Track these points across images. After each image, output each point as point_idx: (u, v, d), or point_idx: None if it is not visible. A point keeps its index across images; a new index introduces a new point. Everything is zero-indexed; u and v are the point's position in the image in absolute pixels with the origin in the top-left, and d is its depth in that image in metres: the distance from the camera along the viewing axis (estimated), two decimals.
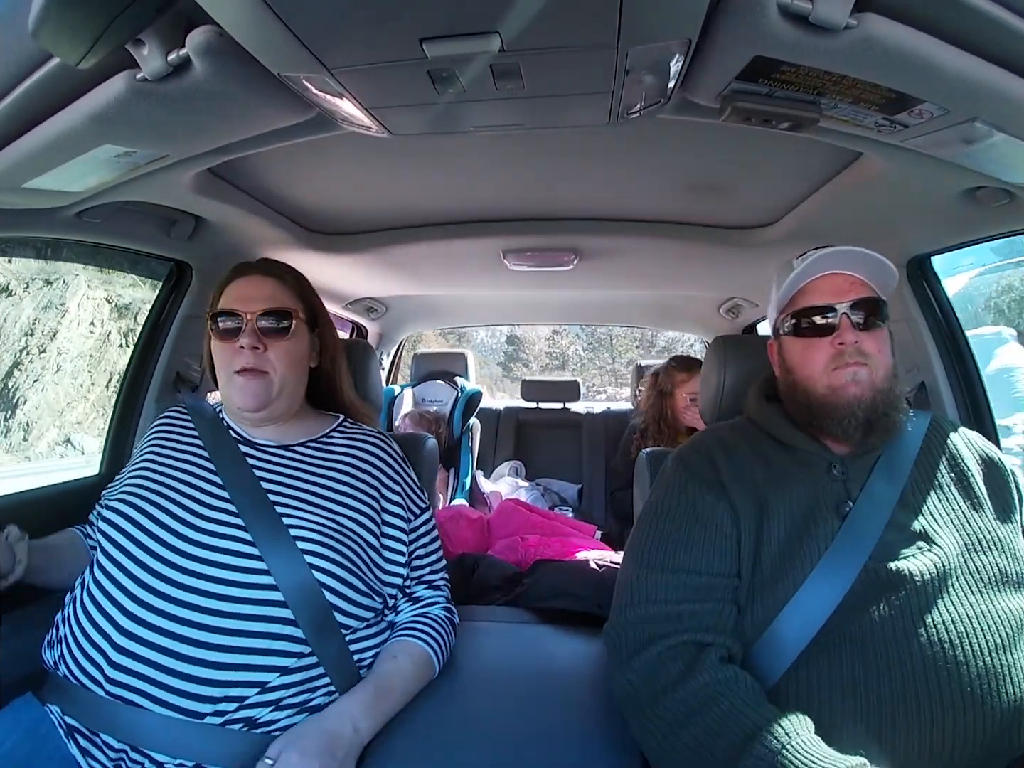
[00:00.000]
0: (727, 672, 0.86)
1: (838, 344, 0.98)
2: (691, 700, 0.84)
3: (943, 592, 0.88)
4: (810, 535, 0.94)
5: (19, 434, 9.74)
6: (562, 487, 3.30)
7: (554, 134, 1.22)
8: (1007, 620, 0.87)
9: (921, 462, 1.02)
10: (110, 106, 0.81)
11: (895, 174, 1.14)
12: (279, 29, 0.67)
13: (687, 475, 1.04)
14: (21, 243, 1.91)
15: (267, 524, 1.00)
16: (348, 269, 2.18)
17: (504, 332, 15.58)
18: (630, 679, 0.90)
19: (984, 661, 0.83)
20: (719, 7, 0.68)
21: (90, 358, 10.35)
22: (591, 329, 18.95)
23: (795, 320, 1.04)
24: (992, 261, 9.45)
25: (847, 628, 0.88)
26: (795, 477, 1.00)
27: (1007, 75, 0.75)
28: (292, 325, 1.13)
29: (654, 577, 0.96)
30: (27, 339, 10.01)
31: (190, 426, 1.18)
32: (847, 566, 0.90)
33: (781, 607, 0.91)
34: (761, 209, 1.67)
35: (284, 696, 0.94)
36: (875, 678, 0.84)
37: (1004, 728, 0.82)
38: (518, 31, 0.69)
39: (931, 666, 0.83)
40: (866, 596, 0.89)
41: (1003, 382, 5.26)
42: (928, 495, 0.98)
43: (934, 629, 0.85)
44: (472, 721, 1.03)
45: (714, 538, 0.96)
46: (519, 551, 2.17)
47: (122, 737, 0.88)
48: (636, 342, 19.96)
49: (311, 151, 1.24)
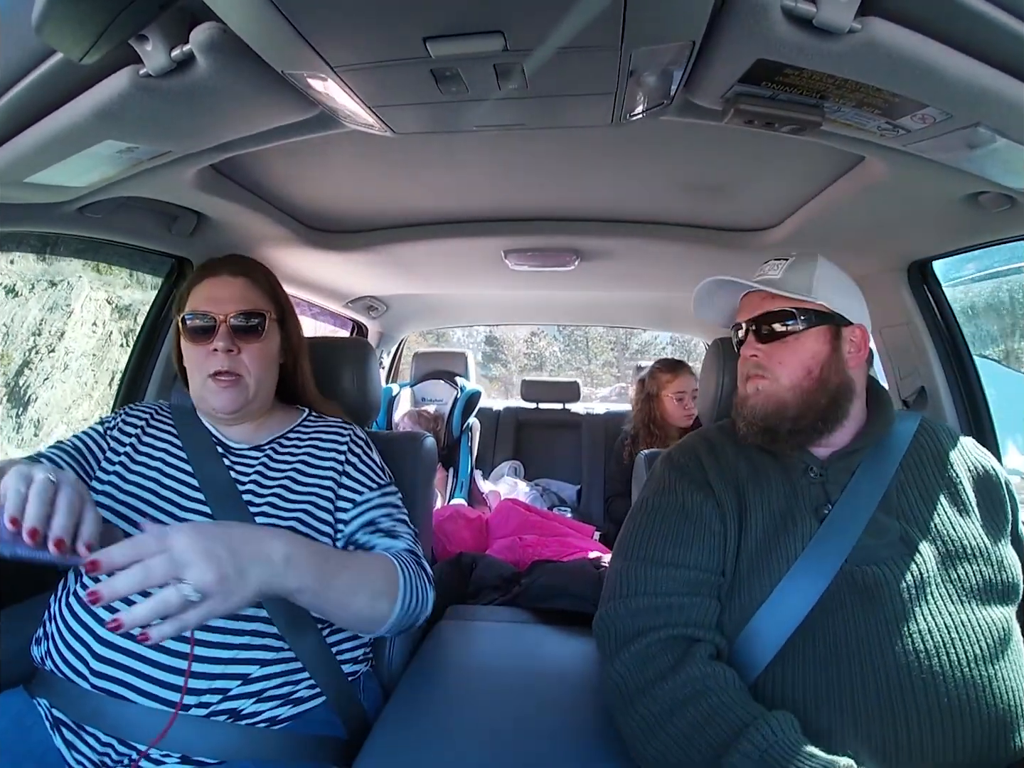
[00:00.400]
0: (716, 668, 0.86)
1: (747, 357, 1.06)
2: (680, 693, 0.84)
3: (922, 600, 0.87)
4: (788, 535, 0.95)
5: (30, 430, 9.91)
6: (561, 487, 3.30)
7: (557, 134, 1.21)
8: (988, 631, 0.86)
9: (907, 465, 1.02)
10: (113, 101, 0.81)
11: (897, 178, 1.13)
12: (283, 27, 0.67)
13: (676, 474, 1.06)
14: (23, 241, 1.90)
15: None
16: (349, 267, 2.17)
17: (483, 332, 15.73)
18: (619, 670, 0.90)
19: (963, 672, 0.83)
20: (723, 9, 0.68)
21: (93, 357, 10.54)
22: (568, 331, 19.47)
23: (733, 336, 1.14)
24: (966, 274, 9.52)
25: (822, 631, 0.88)
26: (775, 478, 1.02)
27: (1010, 80, 0.75)
28: (265, 326, 1.14)
29: (644, 570, 0.96)
30: (35, 339, 10.14)
31: (167, 424, 1.18)
32: (823, 568, 0.91)
33: (758, 606, 0.91)
34: (763, 212, 1.67)
35: (267, 687, 0.95)
36: (849, 683, 0.84)
37: (987, 740, 0.81)
38: (522, 31, 0.69)
39: (906, 675, 0.82)
40: (841, 599, 0.89)
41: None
42: (912, 500, 0.98)
43: (910, 638, 0.84)
44: (470, 720, 1.03)
45: (703, 535, 0.98)
46: (517, 551, 2.17)
47: (108, 730, 0.89)
48: (611, 344, 20.44)
49: (313, 149, 1.24)
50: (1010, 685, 0.84)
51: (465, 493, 3.06)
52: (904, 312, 1.73)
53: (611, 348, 20.47)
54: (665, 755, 0.82)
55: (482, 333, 15.49)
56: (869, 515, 0.94)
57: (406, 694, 1.11)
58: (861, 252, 1.67)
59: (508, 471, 3.34)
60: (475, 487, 3.09)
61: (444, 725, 1.02)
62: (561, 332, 20.02)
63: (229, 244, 1.70)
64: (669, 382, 2.66)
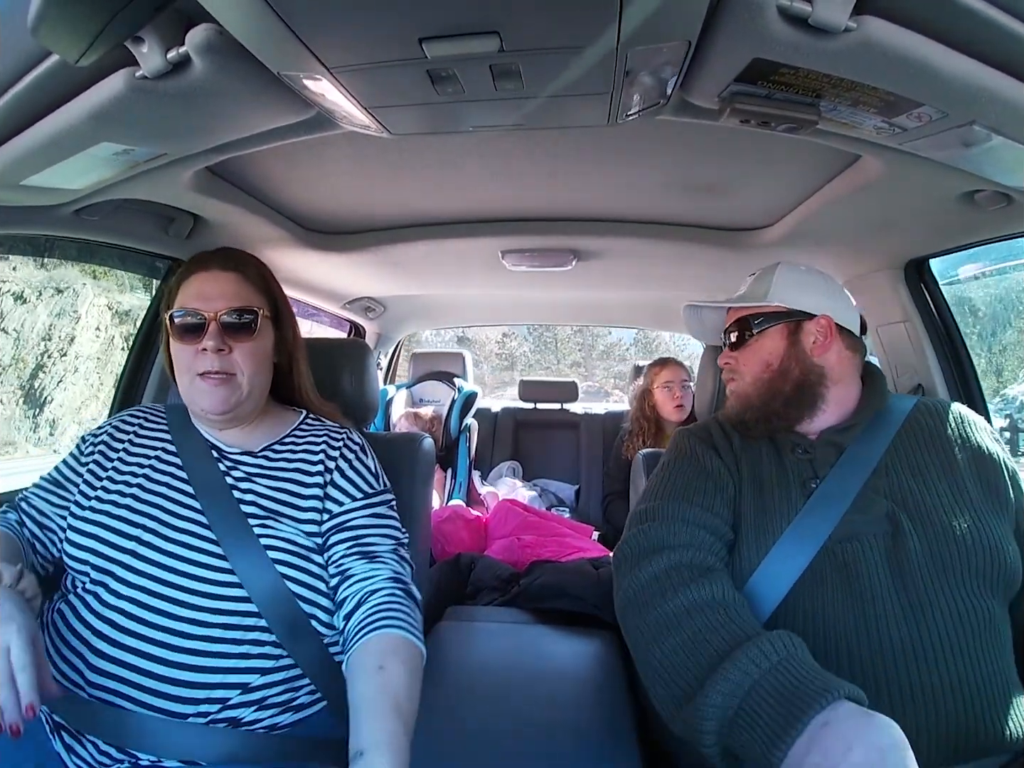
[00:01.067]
0: (735, 594, 0.89)
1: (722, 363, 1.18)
2: (696, 598, 0.86)
3: (901, 579, 0.88)
4: (776, 509, 0.99)
5: (46, 430, 10.40)
6: (559, 488, 3.30)
7: (553, 134, 1.22)
8: (970, 616, 0.86)
9: (900, 444, 1.03)
10: (109, 103, 0.81)
11: (893, 177, 1.14)
12: (279, 28, 0.67)
13: (695, 440, 1.14)
14: (23, 246, 1.90)
15: (238, 535, 0.98)
16: (346, 268, 2.17)
17: (454, 332, 16.08)
18: (639, 580, 0.93)
19: (944, 655, 0.83)
20: (719, 9, 0.68)
21: (97, 360, 10.96)
22: (538, 332, 20.58)
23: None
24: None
25: (803, 606, 0.90)
26: (767, 454, 1.08)
27: (1006, 79, 0.75)
28: (258, 323, 1.08)
29: (666, 505, 1.03)
30: (46, 344, 10.59)
31: (160, 427, 1.14)
32: (806, 542, 0.93)
33: (747, 577, 0.94)
34: (760, 211, 1.67)
35: (268, 695, 0.94)
36: (835, 657, 0.85)
37: (968, 727, 0.81)
38: (518, 32, 0.69)
39: (889, 653, 0.83)
40: (824, 575, 0.91)
41: None
42: (903, 479, 0.99)
43: (887, 617, 0.85)
44: (470, 720, 1.03)
45: (720, 489, 1.05)
46: (516, 551, 2.17)
47: (107, 739, 0.88)
48: (579, 346, 21.47)
49: (310, 150, 1.24)
50: (991, 673, 0.84)
51: (463, 494, 3.05)
52: (901, 310, 1.73)
53: (579, 349, 21.35)
54: (671, 659, 0.82)
55: (452, 333, 15.74)
56: (856, 491, 0.97)
57: None
58: (858, 250, 1.68)
59: (506, 472, 3.34)
60: (473, 488, 3.09)
61: (444, 725, 1.01)
62: (531, 333, 20.93)
63: (226, 246, 1.70)
64: (658, 374, 2.79)
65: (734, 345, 1.15)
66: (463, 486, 3.09)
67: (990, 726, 0.82)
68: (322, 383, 1.37)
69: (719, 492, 1.04)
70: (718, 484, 1.05)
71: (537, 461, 3.49)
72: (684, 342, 21.59)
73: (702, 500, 1.02)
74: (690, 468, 1.09)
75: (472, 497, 3.05)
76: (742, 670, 0.73)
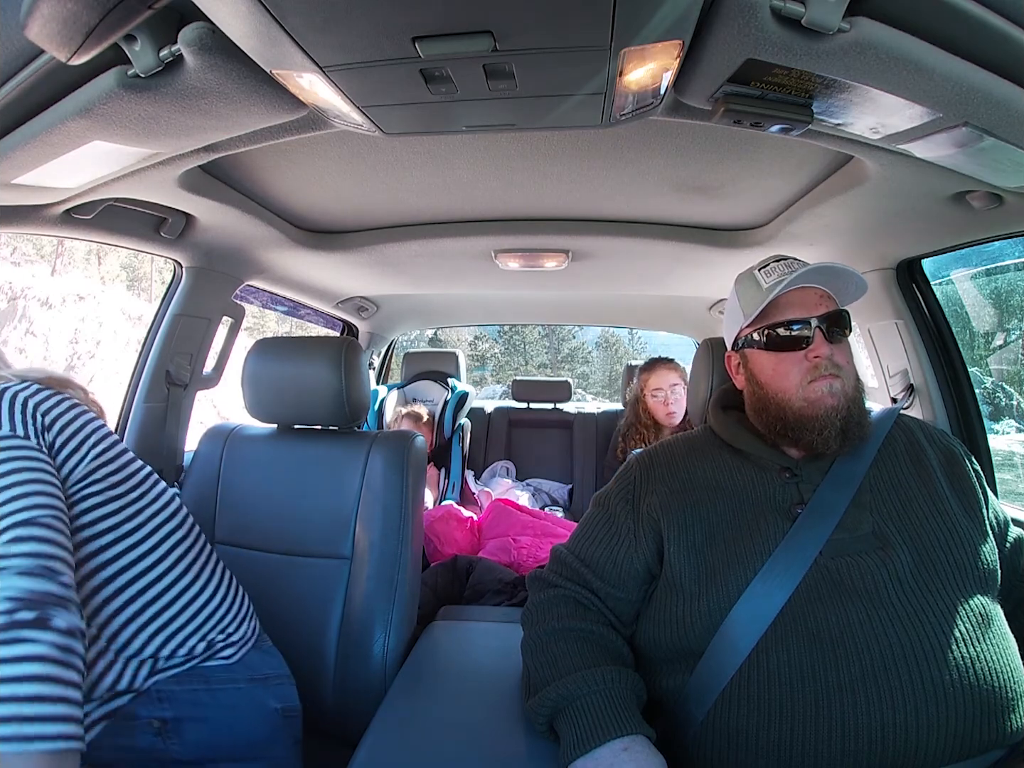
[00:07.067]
0: (605, 630, 1.03)
1: (813, 357, 0.99)
2: (570, 627, 1.03)
3: (895, 589, 0.89)
4: (760, 534, 0.97)
5: None
6: (553, 487, 3.30)
7: (546, 134, 1.22)
8: (966, 615, 0.88)
9: (880, 461, 1.04)
10: (100, 102, 0.81)
11: (885, 177, 1.14)
12: (271, 26, 0.67)
13: (619, 483, 1.15)
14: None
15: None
16: (339, 268, 2.17)
17: (427, 333, 16.41)
18: (535, 601, 1.11)
19: (944, 654, 0.84)
20: (712, 10, 0.68)
21: (115, 361, 11.88)
22: (508, 335, 22.42)
23: (767, 333, 1.04)
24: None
25: (803, 620, 0.89)
26: (747, 479, 1.04)
27: (997, 80, 0.76)
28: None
29: (578, 546, 1.13)
30: (74, 346, 11.63)
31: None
32: (795, 564, 0.93)
33: (733, 601, 0.93)
34: (752, 211, 1.68)
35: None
36: (833, 666, 0.85)
37: (973, 722, 0.82)
38: (511, 31, 0.69)
39: (889, 657, 0.84)
40: (819, 591, 0.91)
41: None
42: (885, 494, 1.00)
43: (889, 624, 0.86)
44: (465, 719, 1.03)
45: (626, 544, 1.07)
46: (512, 553, 2.16)
47: None
48: (545, 349, 23.47)
49: (302, 149, 1.23)
50: (994, 667, 0.85)
51: (456, 494, 3.05)
52: (893, 310, 1.74)
53: (545, 352, 23.46)
54: (539, 663, 1.00)
55: (426, 333, 16.00)
56: (840, 513, 0.96)
57: (400, 693, 1.11)
58: (850, 250, 1.68)
59: (500, 471, 3.34)
60: (467, 488, 3.09)
61: (438, 724, 1.01)
62: (501, 336, 22.96)
63: (218, 245, 1.69)
64: (647, 380, 2.74)
65: (834, 337, 1.01)
66: (456, 486, 3.08)
67: (996, 719, 0.83)
68: (312, 381, 1.37)
69: (621, 545, 1.07)
70: (623, 538, 1.07)
71: (530, 461, 3.49)
72: (643, 345, 21.92)
73: (606, 555, 1.08)
74: (602, 518, 1.12)
75: (465, 497, 3.05)
76: (577, 684, 0.92)
